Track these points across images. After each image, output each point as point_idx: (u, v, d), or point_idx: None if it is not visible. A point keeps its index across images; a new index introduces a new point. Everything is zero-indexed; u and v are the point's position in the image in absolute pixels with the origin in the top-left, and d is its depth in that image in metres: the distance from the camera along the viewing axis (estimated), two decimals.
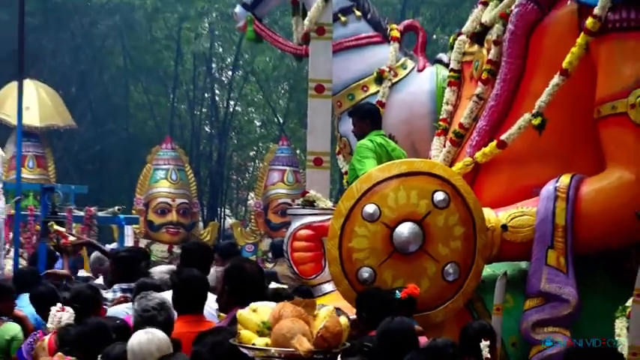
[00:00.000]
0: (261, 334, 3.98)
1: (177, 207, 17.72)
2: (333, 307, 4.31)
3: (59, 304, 6.87)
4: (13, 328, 7.80)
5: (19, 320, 7.77)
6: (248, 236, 18.24)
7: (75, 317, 6.37)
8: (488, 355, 4.96)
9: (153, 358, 4.86)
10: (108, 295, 7.95)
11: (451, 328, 5.73)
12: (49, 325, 6.95)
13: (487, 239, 6.09)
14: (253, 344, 3.96)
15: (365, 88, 10.45)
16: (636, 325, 5.25)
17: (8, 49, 14.89)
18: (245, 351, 3.96)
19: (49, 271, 10.15)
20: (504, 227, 6.21)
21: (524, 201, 6.36)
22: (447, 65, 8.54)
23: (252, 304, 4.38)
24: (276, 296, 5.94)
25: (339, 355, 4.64)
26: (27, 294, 8.38)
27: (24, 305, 8.08)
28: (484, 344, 5.00)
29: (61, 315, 6.43)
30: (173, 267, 8.74)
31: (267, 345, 3.94)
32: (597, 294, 6.11)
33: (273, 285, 8.43)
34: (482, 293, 6.17)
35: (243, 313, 4.18)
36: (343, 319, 4.16)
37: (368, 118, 8.75)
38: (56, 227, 10.67)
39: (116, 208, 16.79)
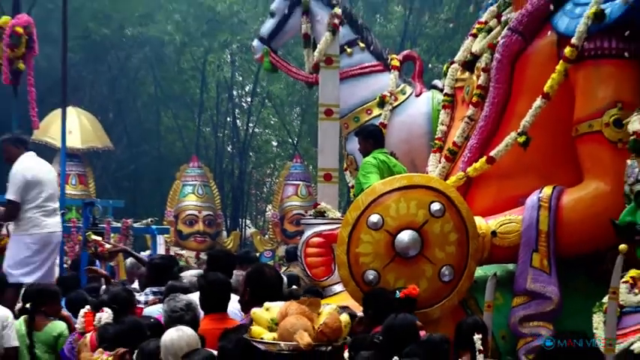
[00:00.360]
0: (270, 329, 3.99)
1: (203, 218, 17.73)
2: (335, 306, 4.31)
3: (87, 307, 6.92)
4: (60, 326, 7.81)
5: (64, 319, 7.79)
6: (266, 243, 18.21)
7: (113, 317, 6.39)
8: (481, 348, 4.95)
9: (183, 352, 4.87)
10: (140, 297, 7.95)
11: (447, 324, 5.72)
12: (77, 326, 7.01)
13: (479, 244, 6.09)
14: (262, 338, 3.96)
15: (369, 112, 10.45)
16: (611, 320, 5.25)
17: (53, 80, 14.91)
18: (255, 344, 3.97)
19: (90, 267, 10.14)
20: (494, 233, 6.23)
21: (511, 210, 6.37)
22: (441, 90, 8.54)
23: (266, 303, 4.39)
24: (291, 297, 5.94)
25: (348, 350, 4.64)
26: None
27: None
28: (477, 337, 4.99)
29: (101, 315, 6.46)
30: (200, 271, 8.74)
31: (274, 339, 3.95)
32: (577, 292, 6.11)
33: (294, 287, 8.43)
34: (474, 292, 6.18)
35: (257, 312, 4.19)
36: (344, 316, 4.15)
37: (372, 138, 8.78)
38: (93, 237, 10.69)
39: (149, 219, 16.77)
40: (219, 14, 23.02)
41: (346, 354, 4.73)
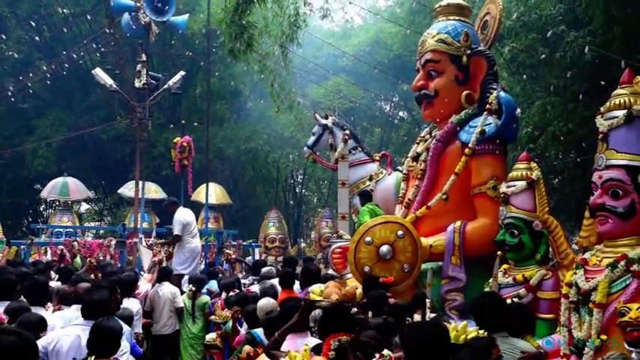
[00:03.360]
0: (320, 296, 3.96)
1: (279, 239, 17.57)
2: (355, 284, 4.27)
3: (231, 290, 6.98)
4: (205, 297, 7.80)
5: (210, 293, 7.77)
6: (311, 252, 18.03)
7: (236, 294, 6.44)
8: (428, 306, 4.86)
9: (268, 311, 4.83)
10: (246, 281, 7.95)
11: (407, 295, 5.64)
12: (222, 296, 7.00)
13: (423, 252, 6.01)
14: (315, 300, 3.93)
15: (364, 183, 10.44)
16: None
17: (200, 169, 15.08)
18: (314, 303, 3.92)
19: (218, 267, 10.29)
20: (431, 246, 6.14)
21: (440, 234, 6.28)
22: (401, 172, 8.50)
23: (320, 285, 4.38)
24: (326, 279, 5.88)
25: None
26: (214, 280, 8.43)
27: (213, 285, 8.13)
28: (427, 301, 4.92)
29: (233, 295, 6.52)
30: (278, 267, 8.71)
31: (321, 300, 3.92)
32: (475, 276, 5.98)
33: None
34: (421, 277, 6.06)
35: (314, 289, 4.15)
36: (359, 290, 4.11)
37: (365, 197, 8.85)
38: (227, 250, 10.84)
39: (251, 240, 16.84)
40: (285, 136, 23.30)
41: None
